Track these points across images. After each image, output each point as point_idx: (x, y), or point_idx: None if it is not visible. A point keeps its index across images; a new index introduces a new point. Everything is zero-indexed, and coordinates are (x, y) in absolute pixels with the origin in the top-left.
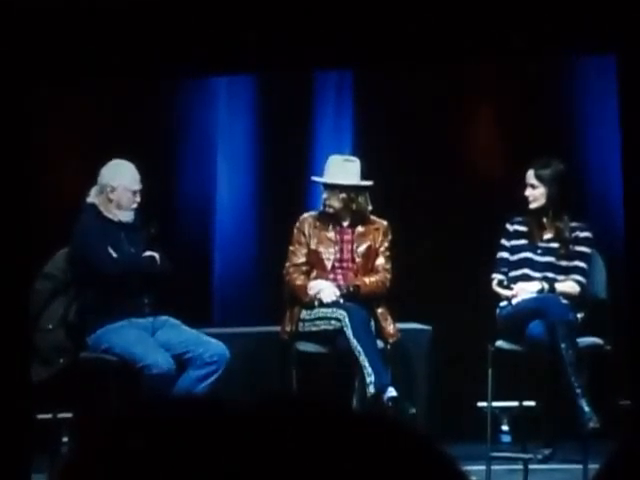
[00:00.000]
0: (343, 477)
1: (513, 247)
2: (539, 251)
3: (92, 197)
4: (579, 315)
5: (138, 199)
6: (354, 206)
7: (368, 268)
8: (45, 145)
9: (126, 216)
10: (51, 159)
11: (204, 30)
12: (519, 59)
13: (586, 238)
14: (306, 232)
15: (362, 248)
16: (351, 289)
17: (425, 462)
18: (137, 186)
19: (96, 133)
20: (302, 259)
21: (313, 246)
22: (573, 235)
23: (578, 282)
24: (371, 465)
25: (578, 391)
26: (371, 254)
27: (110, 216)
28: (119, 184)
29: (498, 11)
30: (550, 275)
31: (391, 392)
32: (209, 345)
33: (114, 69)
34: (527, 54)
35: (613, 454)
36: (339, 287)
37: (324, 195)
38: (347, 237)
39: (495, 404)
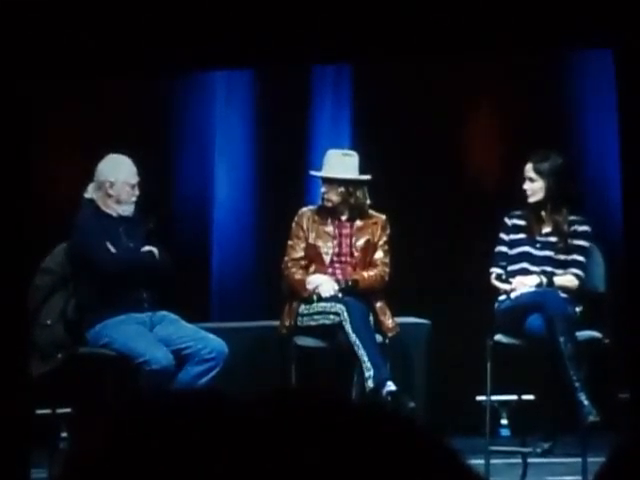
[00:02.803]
0: (347, 468)
1: (512, 241)
2: (538, 245)
3: (90, 193)
4: (578, 309)
5: (137, 192)
6: (353, 200)
7: (367, 262)
8: (44, 141)
9: (125, 210)
10: (50, 154)
11: (201, 25)
12: (518, 54)
13: (584, 232)
14: (304, 226)
15: (361, 242)
16: (350, 283)
17: (429, 453)
18: (135, 179)
19: (96, 129)
20: (300, 253)
21: (311, 240)
22: (571, 229)
23: (577, 276)
24: (376, 456)
25: (577, 385)
26: (369, 248)
27: (109, 211)
28: (117, 179)
29: (496, 6)
30: (549, 269)
31: (390, 386)
32: (208, 341)
33: (112, 66)
34: (526, 48)
35: (616, 448)
36: (338, 281)
37: (323, 189)
38: (345, 231)
39: (494, 398)
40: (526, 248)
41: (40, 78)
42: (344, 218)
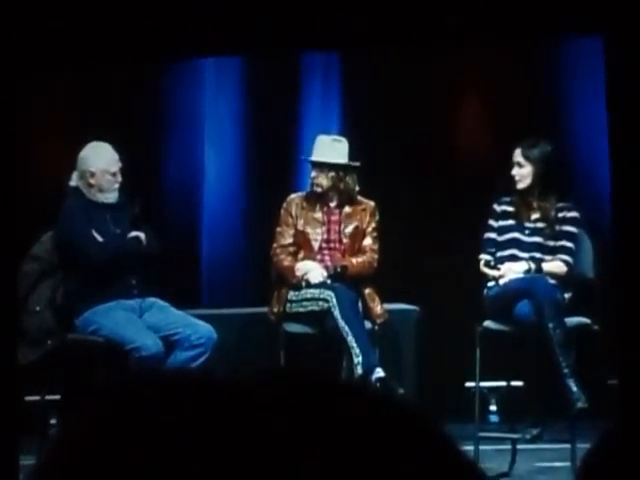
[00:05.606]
0: (343, 449)
1: (500, 227)
2: (526, 231)
3: (74, 181)
4: (566, 295)
5: (119, 179)
6: (342, 186)
7: (355, 249)
8: (31, 128)
9: (109, 198)
10: (38, 141)
11: (190, 11)
12: (506, 41)
13: (573, 218)
14: (293, 213)
15: (349, 229)
16: (338, 270)
17: (424, 436)
18: (116, 167)
19: (84, 115)
20: (289, 240)
21: (300, 227)
22: (560, 215)
23: (565, 262)
24: (372, 438)
25: (566, 371)
26: (358, 234)
27: (94, 199)
28: (97, 168)
29: None
30: (537, 255)
31: (379, 373)
32: (197, 327)
33: (100, 53)
34: (514, 35)
35: (603, 433)
36: (326, 268)
37: (312, 174)
38: (334, 218)
39: (483, 384)
40: (515, 234)
41: (27, 65)
42: (333, 204)
